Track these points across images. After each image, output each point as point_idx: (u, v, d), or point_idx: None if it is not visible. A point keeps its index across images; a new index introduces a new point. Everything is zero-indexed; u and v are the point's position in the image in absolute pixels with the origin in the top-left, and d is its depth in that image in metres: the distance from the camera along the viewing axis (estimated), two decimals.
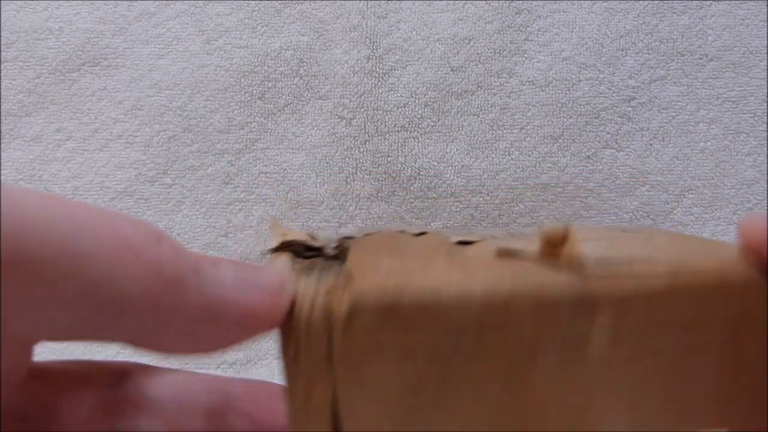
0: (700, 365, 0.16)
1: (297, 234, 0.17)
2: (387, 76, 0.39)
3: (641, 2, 0.40)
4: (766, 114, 0.38)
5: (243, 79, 0.39)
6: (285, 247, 0.16)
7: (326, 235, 0.17)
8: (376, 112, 0.38)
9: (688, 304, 0.15)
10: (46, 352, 0.16)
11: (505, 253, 0.16)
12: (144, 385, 0.17)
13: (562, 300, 0.15)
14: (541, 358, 0.15)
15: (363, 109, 0.38)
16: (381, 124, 0.38)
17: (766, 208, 0.37)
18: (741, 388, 0.16)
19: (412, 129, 0.38)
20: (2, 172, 0.38)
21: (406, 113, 0.38)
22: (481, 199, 0.37)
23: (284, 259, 0.16)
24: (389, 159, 0.37)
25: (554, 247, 0.16)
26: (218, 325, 0.13)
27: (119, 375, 0.17)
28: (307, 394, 0.15)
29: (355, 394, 0.15)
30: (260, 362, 0.36)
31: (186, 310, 0.13)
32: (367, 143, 0.38)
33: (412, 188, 0.37)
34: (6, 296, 0.11)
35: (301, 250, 0.16)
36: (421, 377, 0.15)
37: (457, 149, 0.38)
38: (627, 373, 0.16)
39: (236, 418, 0.17)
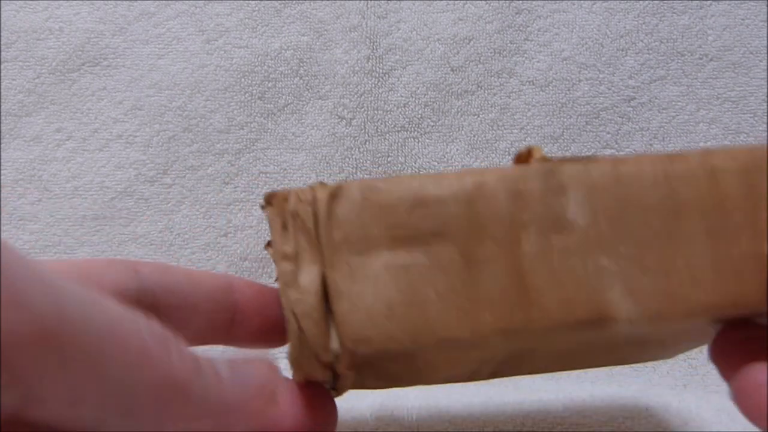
0: (688, 241, 0.17)
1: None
2: (387, 76, 0.39)
3: (641, 2, 0.40)
4: (766, 114, 0.38)
5: (243, 79, 0.39)
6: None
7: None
8: (376, 112, 0.38)
9: (660, 189, 0.16)
10: None
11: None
12: (157, 278, 0.18)
13: (532, 179, 0.16)
14: (525, 237, 0.16)
15: (363, 109, 0.38)
16: (381, 124, 0.38)
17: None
18: (735, 261, 0.17)
19: (412, 129, 0.38)
20: (2, 172, 0.38)
21: (406, 113, 0.38)
22: None
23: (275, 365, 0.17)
24: (389, 159, 0.37)
25: (522, 160, 0.17)
26: (215, 421, 0.15)
27: (138, 277, 0.18)
28: (294, 271, 0.16)
29: (345, 274, 0.16)
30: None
31: (189, 412, 0.14)
32: (367, 143, 0.38)
33: None
34: (28, 372, 0.12)
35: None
36: (408, 258, 0.16)
37: (457, 149, 0.38)
38: (617, 245, 0.16)
39: (241, 294, 0.19)
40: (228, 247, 0.36)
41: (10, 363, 0.11)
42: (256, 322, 0.20)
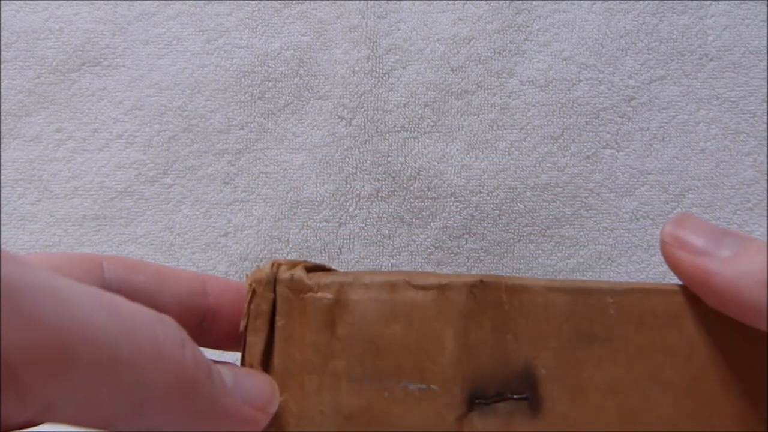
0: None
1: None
2: (387, 76, 0.39)
3: (641, 2, 0.40)
4: (766, 114, 0.38)
5: (243, 79, 0.39)
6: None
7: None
8: (376, 112, 0.38)
9: None
10: None
11: None
12: (123, 276, 0.18)
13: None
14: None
15: (363, 109, 0.38)
16: (381, 124, 0.38)
17: (766, 208, 0.37)
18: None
19: (412, 129, 0.38)
20: (2, 172, 0.38)
21: (406, 113, 0.38)
22: (481, 199, 0.37)
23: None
24: (389, 159, 0.37)
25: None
26: (216, 423, 0.15)
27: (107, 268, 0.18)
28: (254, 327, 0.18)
29: (285, 341, 0.17)
30: None
31: (197, 412, 0.15)
32: (367, 143, 0.38)
33: (412, 188, 0.37)
34: (44, 391, 0.12)
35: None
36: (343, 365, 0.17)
37: (457, 149, 0.38)
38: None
39: (215, 297, 0.19)
40: (228, 247, 0.36)
41: (26, 384, 0.11)
42: (227, 326, 0.19)
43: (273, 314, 0.18)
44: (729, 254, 0.16)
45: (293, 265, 0.18)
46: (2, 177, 0.38)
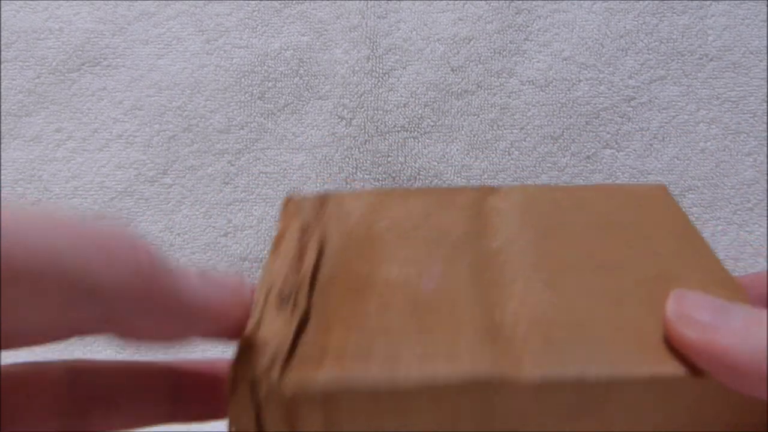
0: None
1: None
2: (387, 76, 0.39)
3: (641, 2, 0.40)
4: (766, 114, 0.38)
5: (243, 79, 0.39)
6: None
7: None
8: (376, 112, 0.38)
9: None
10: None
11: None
12: (96, 380, 0.18)
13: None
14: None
15: (363, 109, 0.38)
16: (381, 124, 0.38)
17: (766, 208, 0.37)
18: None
19: (412, 129, 0.38)
20: (2, 172, 0.38)
21: (406, 113, 0.38)
22: None
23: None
24: (389, 159, 0.37)
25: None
26: (188, 314, 0.15)
27: (72, 372, 0.18)
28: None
29: None
30: None
31: (159, 299, 0.15)
32: (367, 143, 0.38)
33: None
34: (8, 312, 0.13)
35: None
36: None
37: (457, 149, 0.38)
38: None
39: (188, 398, 0.19)
40: (228, 247, 0.36)
41: None
42: (197, 407, 0.20)
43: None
44: (740, 325, 0.15)
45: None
46: (2, 177, 0.38)
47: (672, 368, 0.16)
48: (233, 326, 0.17)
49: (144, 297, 0.14)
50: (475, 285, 0.18)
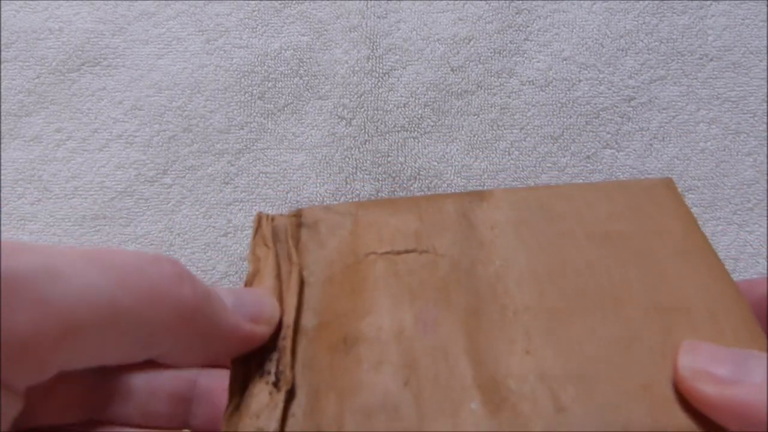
0: None
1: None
2: (387, 76, 0.39)
3: (641, 2, 0.40)
4: (766, 114, 0.38)
5: (243, 79, 0.39)
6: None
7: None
8: (376, 112, 0.38)
9: None
10: None
11: None
12: (116, 376, 0.19)
13: None
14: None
15: (363, 109, 0.38)
16: (381, 124, 0.38)
17: (766, 208, 0.37)
18: None
19: (412, 129, 0.38)
20: (2, 172, 0.38)
21: (406, 113, 0.38)
22: None
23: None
24: (389, 159, 0.37)
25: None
26: (222, 343, 0.17)
27: (94, 370, 0.19)
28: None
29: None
30: None
31: (202, 334, 0.16)
32: (367, 143, 0.38)
33: (412, 188, 0.37)
34: (57, 356, 0.13)
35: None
36: None
37: (457, 149, 0.38)
38: None
39: (199, 404, 0.20)
40: (228, 247, 0.36)
41: (40, 355, 0.13)
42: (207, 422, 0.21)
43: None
44: (761, 379, 0.15)
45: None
46: (2, 177, 0.38)
47: (688, 427, 0.15)
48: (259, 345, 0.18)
49: (185, 333, 0.15)
50: (474, 333, 0.17)
